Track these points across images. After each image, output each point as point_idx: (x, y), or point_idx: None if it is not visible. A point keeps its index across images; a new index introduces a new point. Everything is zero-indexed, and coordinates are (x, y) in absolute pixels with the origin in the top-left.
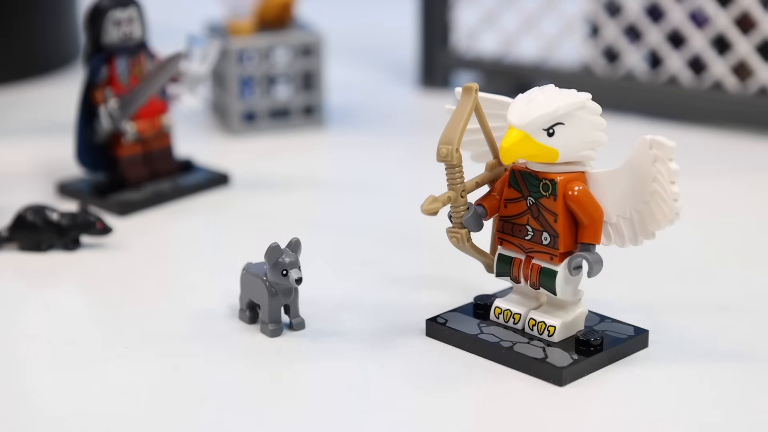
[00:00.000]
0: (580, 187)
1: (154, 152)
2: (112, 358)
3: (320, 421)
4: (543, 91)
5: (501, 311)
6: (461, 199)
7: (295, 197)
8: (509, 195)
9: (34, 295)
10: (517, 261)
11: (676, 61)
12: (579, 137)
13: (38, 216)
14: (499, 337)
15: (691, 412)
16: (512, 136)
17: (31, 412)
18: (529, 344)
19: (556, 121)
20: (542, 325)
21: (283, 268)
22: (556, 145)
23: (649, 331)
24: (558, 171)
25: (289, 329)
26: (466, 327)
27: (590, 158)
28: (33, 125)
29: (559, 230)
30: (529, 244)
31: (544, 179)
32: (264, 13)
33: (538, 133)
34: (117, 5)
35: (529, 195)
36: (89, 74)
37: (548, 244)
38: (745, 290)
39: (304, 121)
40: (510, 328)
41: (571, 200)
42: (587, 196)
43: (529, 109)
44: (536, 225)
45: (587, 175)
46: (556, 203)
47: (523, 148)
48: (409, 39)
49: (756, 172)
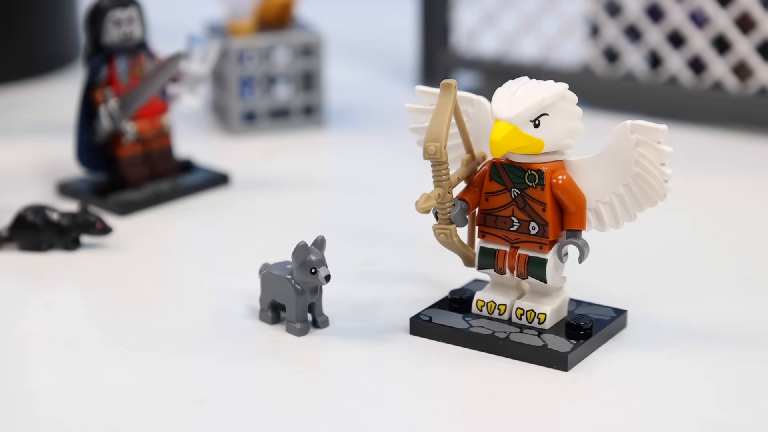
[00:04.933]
0: (565, 176)
1: (154, 152)
2: (112, 358)
3: (328, 421)
4: (522, 83)
5: (484, 303)
6: (448, 196)
7: (295, 197)
8: (491, 188)
9: (34, 295)
10: (502, 252)
11: (676, 61)
12: (561, 126)
13: (38, 216)
14: (491, 328)
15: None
16: (501, 130)
17: (31, 412)
18: (523, 333)
19: (542, 111)
20: (531, 314)
21: (311, 266)
22: (541, 135)
23: (627, 311)
24: (542, 161)
25: (313, 327)
26: (453, 322)
27: (569, 147)
28: (33, 125)
29: (548, 219)
30: (515, 235)
31: (529, 170)
32: (264, 13)
33: (526, 125)
34: (117, 5)
35: (513, 186)
36: (89, 74)
37: (536, 234)
38: (745, 290)
39: (304, 121)
40: (496, 319)
41: (558, 188)
42: (572, 184)
43: (515, 101)
44: (522, 216)
45: (567, 163)
46: (544, 193)
47: (512, 141)
48: (409, 39)
49: (756, 172)
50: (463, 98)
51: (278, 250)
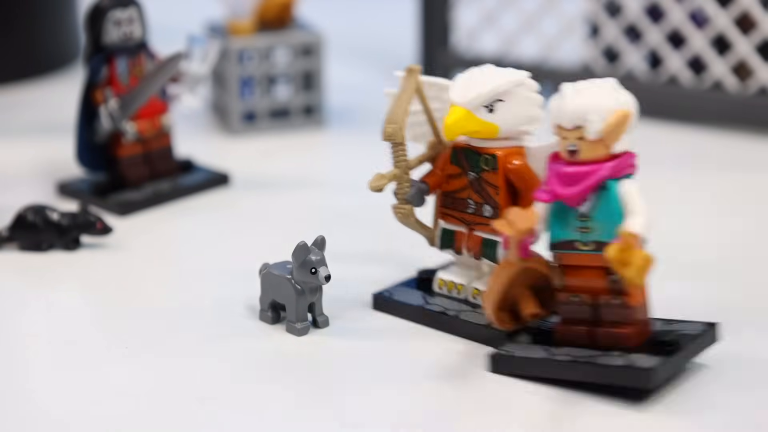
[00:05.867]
0: (520, 161)
1: (154, 152)
2: (112, 358)
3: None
4: (482, 70)
5: (444, 283)
6: (405, 176)
7: (295, 197)
8: (451, 171)
9: (34, 295)
10: (460, 234)
11: (676, 61)
12: (518, 113)
13: (38, 216)
14: (444, 306)
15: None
16: (455, 114)
17: (31, 412)
18: (474, 312)
19: (495, 98)
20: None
21: (311, 266)
22: (496, 120)
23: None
24: (498, 146)
25: (313, 327)
26: (412, 299)
27: (528, 133)
28: (33, 125)
29: (500, 202)
30: (471, 217)
31: (484, 154)
32: (264, 13)
33: (479, 110)
34: (117, 5)
35: (470, 170)
36: (89, 74)
37: (490, 216)
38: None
39: (304, 121)
40: (454, 298)
41: (511, 173)
42: (526, 169)
43: (470, 87)
44: (478, 198)
45: (526, 149)
46: (497, 176)
47: (465, 125)
48: (409, 39)
49: (756, 172)
50: (440, 85)
51: (278, 250)
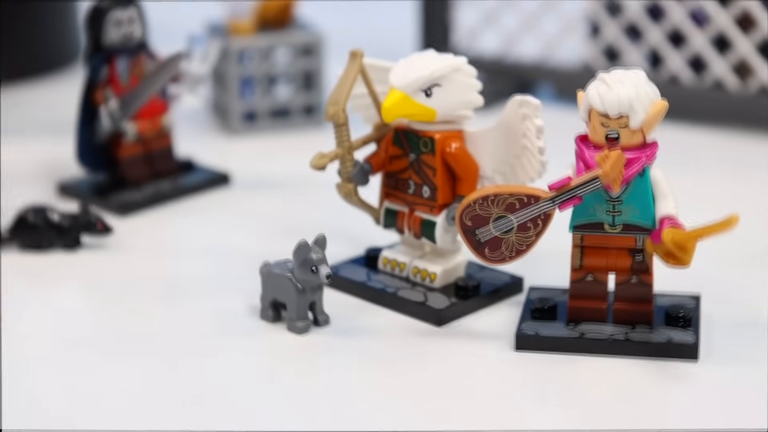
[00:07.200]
0: (457, 144)
1: (155, 152)
2: (112, 357)
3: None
4: (422, 55)
5: (388, 261)
6: (348, 156)
7: (295, 197)
8: (393, 152)
9: (35, 295)
10: (402, 213)
11: (676, 61)
12: (455, 98)
13: (39, 216)
14: (385, 283)
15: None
16: (392, 97)
17: (31, 412)
18: (412, 290)
19: (432, 82)
20: (425, 272)
21: (312, 265)
22: (433, 104)
23: (524, 278)
24: (437, 129)
25: (314, 325)
26: (356, 275)
27: (466, 117)
28: (33, 125)
29: (438, 183)
30: (411, 198)
31: (424, 137)
32: (264, 13)
33: (417, 94)
34: (117, 5)
35: (411, 152)
36: (90, 74)
37: (428, 197)
38: (746, 290)
39: (305, 121)
40: (396, 276)
41: (448, 156)
42: (463, 152)
43: (408, 71)
44: (418, 179)
45: (464, 134)
46: (435, 158)
47: (402, 108)
48: (409, 39)
49: (757, 172)
50: (384, 68)
51: (279, 249)
